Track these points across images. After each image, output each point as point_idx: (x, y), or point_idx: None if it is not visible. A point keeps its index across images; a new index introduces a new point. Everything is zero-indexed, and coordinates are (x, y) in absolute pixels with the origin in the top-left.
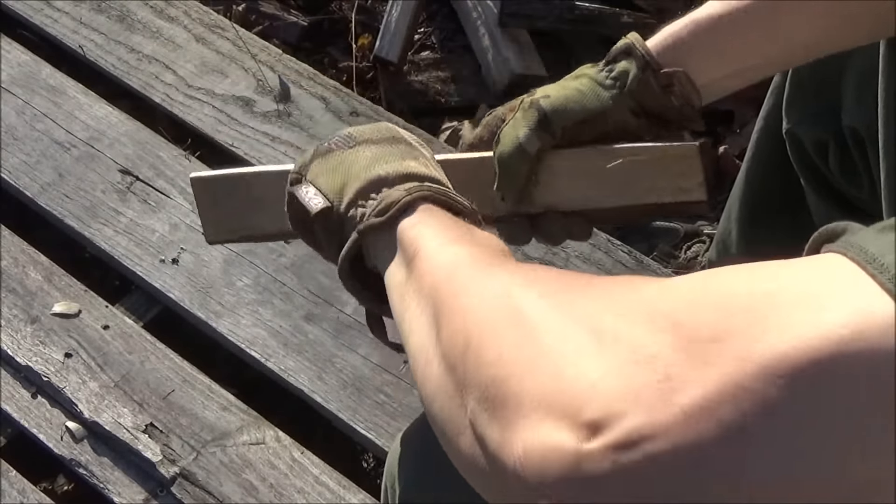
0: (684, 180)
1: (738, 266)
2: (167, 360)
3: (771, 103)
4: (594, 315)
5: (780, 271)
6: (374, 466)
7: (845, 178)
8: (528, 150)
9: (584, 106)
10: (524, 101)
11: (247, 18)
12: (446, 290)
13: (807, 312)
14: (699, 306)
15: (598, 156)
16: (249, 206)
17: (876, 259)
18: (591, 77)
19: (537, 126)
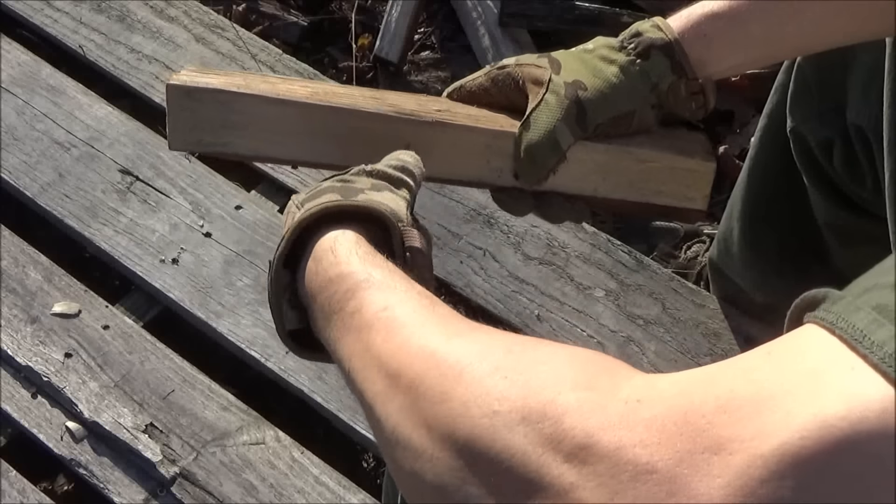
0: (692, 191)
1: (726, 366)
2: (167, 360)
3: (774, 101)
4: (565, 418)
5: (769, 369)
6: (374, 466)
7: (849, 177)
8: (560, 145)
9: (619, 104)
10: (553, 80)
11: (247, 18)
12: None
13: (803, 408)
14: (692, 415)
15: (620, 155)
16: (227, 123)
17: (865, 336)
18: (622, 68)
19: (574, 120)
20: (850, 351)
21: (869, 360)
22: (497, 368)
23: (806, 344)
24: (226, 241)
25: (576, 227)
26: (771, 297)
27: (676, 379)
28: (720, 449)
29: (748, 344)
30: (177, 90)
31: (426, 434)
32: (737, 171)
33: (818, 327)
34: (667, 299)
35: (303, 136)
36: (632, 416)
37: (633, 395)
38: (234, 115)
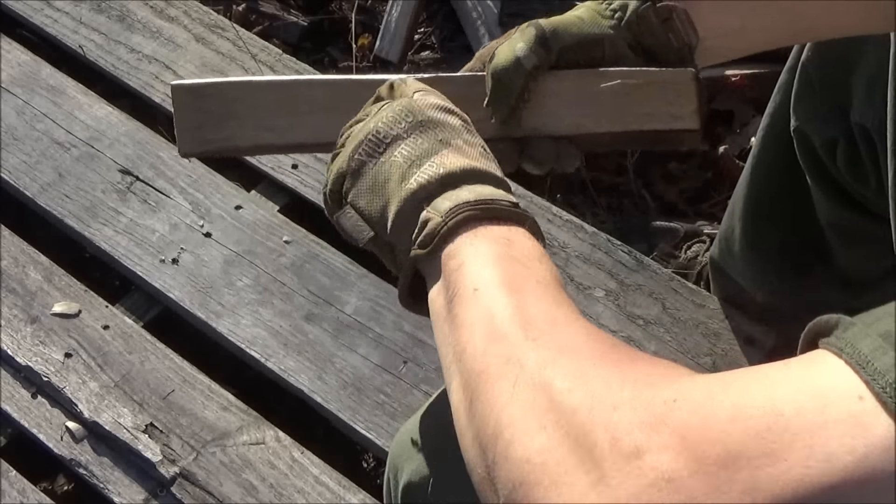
0: (678, 107)
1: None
2: (167, 360)
3: (777, 101)
4: (618, 411)
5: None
6: (374, 466)
7: (853, 177)
8: (524, 64)
9: (583, 30)
10: (521, 25)
11: (247, 18)
12: (480, 364)
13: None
14: (710, 421)
15: (592, 77)
16: (229, 114)
17: (869, 363)
18: (590, 7)
19: (535, 42)
20: (856, 377)
21: (871, 388)
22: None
23: (818, 367)
24: (226, 241)
25: (576, 227)
26: (772, 296)
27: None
28: (730, 464)
29: (748, 344)
30: (180, 89)
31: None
32: (737, 171)
33: (829, 352)
34: (667, 299)
35: (302, 115)
36: (666, 416)
37: (672, 395)
38: (235, 105)
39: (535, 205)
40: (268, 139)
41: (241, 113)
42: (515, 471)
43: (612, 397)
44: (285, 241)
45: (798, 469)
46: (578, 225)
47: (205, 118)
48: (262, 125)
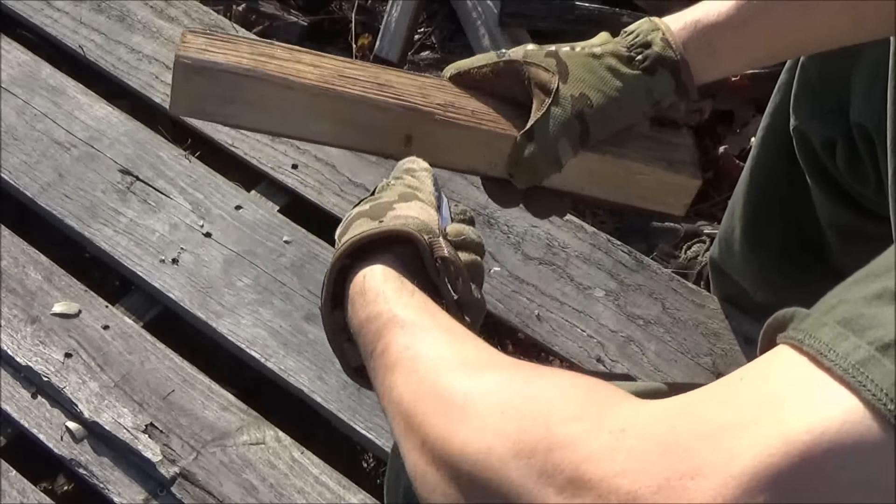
0: (674, 199)
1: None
2: (167, 360)
3: (777, 100)
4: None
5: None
6: (374, 466)
7: (852, 176)
8: (561, 161)
9: (622, 121)
10: (562, 92)
11: (247, 18)
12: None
13: (769, 427)
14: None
15: (611, 164)
16: (233, 99)
17: (830, 349)
18: (627, 83)
19: (577, 138)
20: (814, 366)
21: (833, 373)
22: (497, 404)
23: (775, 365)
24: (226, 241)
25: (576, 227)
26: (771, 296)
27: (658, 408)
28: (696, 474)
29: (748, 344)
30: (184, 67)
31: (436, 471)
32: (737, 171)
33: (788, 347)
34: (667, 299)
35: (306, 118)
36: (616, 445)
37: (618, 425)
38: (240, 94)
39: None
40: (269, 127)
41: (245, 101)
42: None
43: (551, 438)
44: (285, 241)
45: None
46: (578, 225)
47: (205, 95)
48: (264, 114)
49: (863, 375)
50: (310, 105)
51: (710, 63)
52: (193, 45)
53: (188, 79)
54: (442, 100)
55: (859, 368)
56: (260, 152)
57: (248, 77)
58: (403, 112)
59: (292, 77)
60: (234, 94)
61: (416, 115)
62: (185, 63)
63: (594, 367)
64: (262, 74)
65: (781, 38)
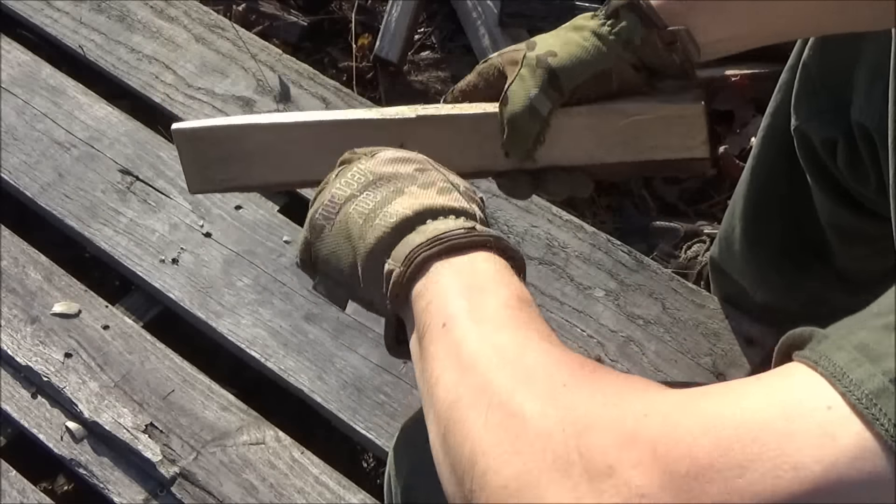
0: (688, 138)
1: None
2: (167, 360)
3: (778, 100)
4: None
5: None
6: (374, 466)
7: (853, 176)
8: (539, 111)
9: (591, 64)
10: (527, 56)
11: (247, 18)
12: (452, 396)
13: (780, 447)
14: (681, 436)
15: (604, 114)
16: (232, 158)
17: (845, 374)
18: (593, 31)
19: (547, 86)
20: (829, 389)
21: (847, 399)
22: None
23: (790, 379)
24: (226, 241)
25: (576, 227)
26: (772, 295)
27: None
28: (700, 476)
29: (748, 344)
30: (180, 133)
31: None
32: (737, 171)
33: (803, 365)
34: (667, 299)
35: (301, 156)
36: (638, 433)
37: (643, 410)
38: (239, 148)
39: (535, 205)
40: (276, 178)
41: (240, 154)
42: (493, 498)
43: (584, 418)
44: (285, 241)
45: (768, 480)
46: (578, 225)
47: (208, 160)
48: (263, 164)
49: (876, 409)
50: (303, 141)
51: (678, 5)
52: (189, 121)
53: (188, 146)
54: (425, 106)
55: (873, 400)
56: None
57: (240, 127)
58: (382, 120)
59: (279, 119)
60: (232, 150)
61: (396, 120)
62: (181, 130)
63: None
64: (252, 121)
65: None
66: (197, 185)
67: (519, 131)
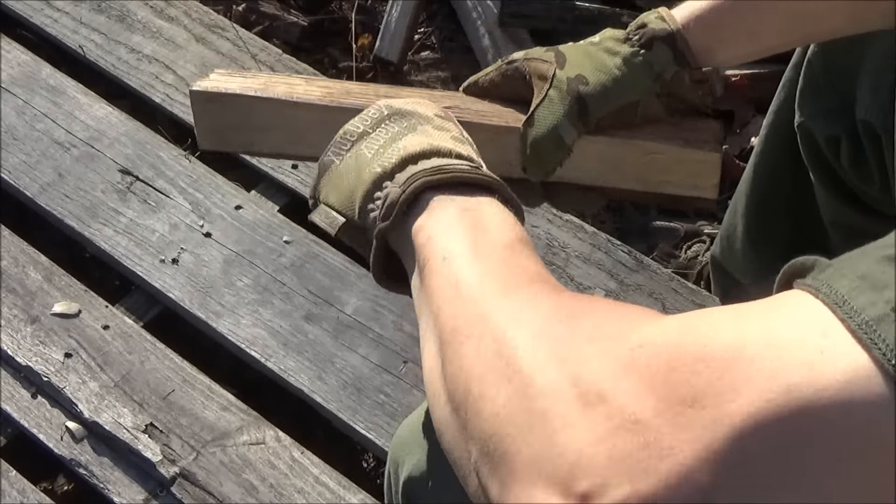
0: (700, 180)
1: (714, 315)
2: (167, 360)
3: (782, 97)
4: (584, 364)
5: (751, 323)
6: (374, 466)
7: (856, 174)
8: (565, 141)
9: (621, 97)
10: (557, 76)
11: (247, 18)
12: (450, 326)
13: (774, 370)
14: (677, 363)
15: (624, 146)
16: (249, 125)
17: (846, 302)
18: (624, 59)
19: (576, 116)
20: (829, 315)
21: (846, 325)
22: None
23: (789, 305)
24: (226, 241)
25: (576, 227)
26: (773, 294)
27: (676, 319)
28: (694, 402)
29: None
30: (198, 95)
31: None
32: (737, 171)
33: (804, 292)
34: (667, 299)
35: (320, 135)
36: (632, 363)
37: (638, 341)
38: (253, 118)
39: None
40: (289, 150)
41: (259, 125)
42: (486, 425)
43: (579, 351)
44: (285, 241)
45: (759, 402)
46: (578, 225)
47: (223, 124)
48: (280, 137)
49: (875, 334)
50: (320, 121)
51: (711, 43)
52: (208, 79)
53: (204, 108)
54: (448, 103)
55: (872, 326)
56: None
57: (257, 98)
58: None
59: (300, 95)
60: (247, 118)
61: None
62: (199, 92)
63: None
64: (271, 94)
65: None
66: (208, 143)
67: (541, 156)
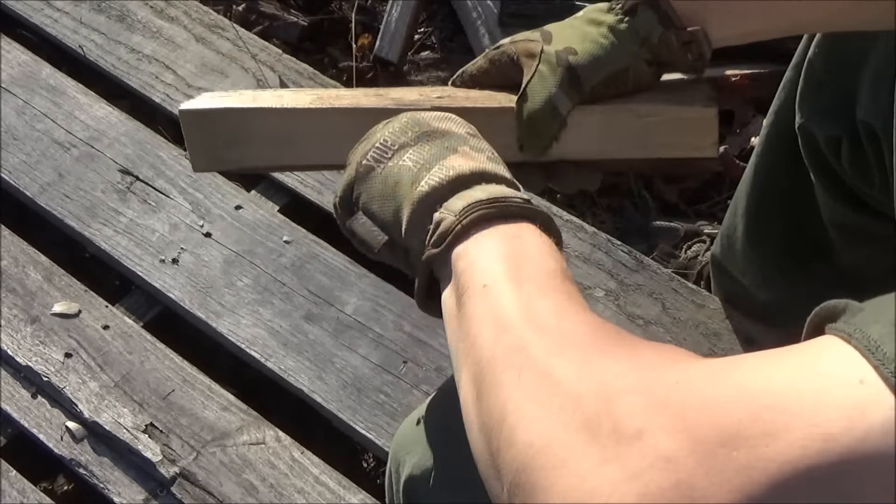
0: (699, 139)
1: (752, 360)
2: (167, 360)
3: (782, 98)
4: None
5: (788, 369)
6: (374, 466)
7: (857, 174)
8: (559, 110)
9: (610, 63)
10: (545, 51)
11: (247, 18)
12: (488, 354)
13: (811, 417)
14: (712, 403)
15: (619, 113)
16: (241, 139)
17: (878, 348)
18: (610, 27)
19: (568, 85)
20: (863, 362)
21: (880, 373)
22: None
23: (823, 351)
24: (226, 241)
25: (576, 227)
26: (773, 294)
27: (710, 364)
28: (728, 443)
29: (748, 344)
30: (187, 114)
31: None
32: (737, 171)
33: (836, 338)
34: (667, 299)
35: (311, 141)
36: (668, 400)
37: (675, 378)
38: (240, 130)
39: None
40: (283, 160)
41: (247, 137)
42: (519, 455)
43: (617, 384)
44: (285, 241)
45: (795, 449)
46: (578, 225)
47: (215, 140)
48: (271, 147)
49: None
50: (309, 126)
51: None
52: (196, 99)
53: (195, 126)
54: (439, 94)
55: None
56: None
57: (249, 110)
58: (399, 110)
59: (290, 103)
60: (241, 131)
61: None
62: (188, 110)
63: None
64: (261, 103)
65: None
66: (202, 164)
67: (537, 129)
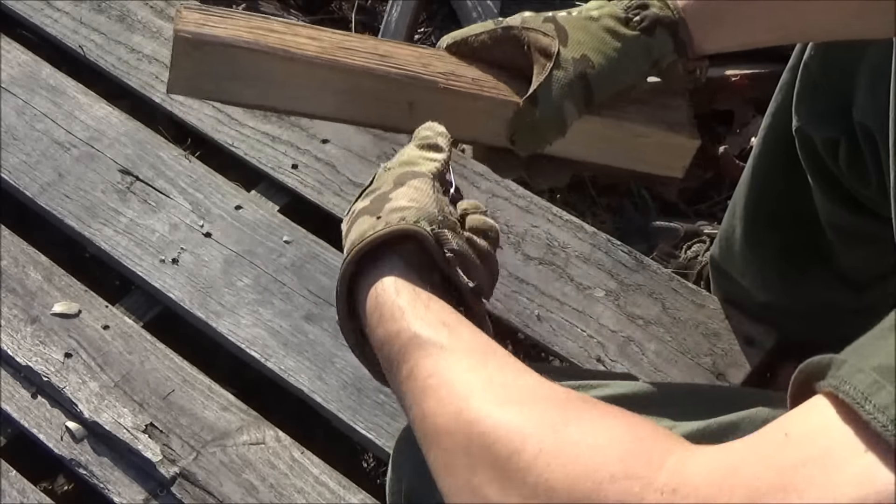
0: (674, 162)
1: (746, 451)
2: (167, 360)
3: (779, 100)
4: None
5: (786, 448)
6: (374, 466)
7: (854, 177)
8: (566, 122)
9: (623, 82)
10: (562, 56)
11: None
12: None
13: (820, 498)
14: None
15: (616, 129)
16: (233, 75)
17: (867, 399)
18: (626, 42)
19: (581, 99)
20: (854, 420)
21: (870, 429)
22: (541, 452)
23: (820, 422)
24: (226, 241)
25: (576, 227)
26: (772, 295)
27: (706, 463)
28: None
29: (748, 344)
30: (184, 42)
31: None
32: (737, 171)
33: (824, 398)
34: (667, 299)
35: (308, 91)
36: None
37: (669, 484)
38: (241, 69)
39: (535, 205)
40: (272, 102)
41: (246, 76)
42: None
43: (599, 494)
44: (285, 241)
45: None
46: (578, 225)
47: (204, 72)
48: (266, 89)
49: None
50: (311, 77)
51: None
52: (191, 20)
53: (188, 55)
54: (443, 69)
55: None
56: (260, 152)
57: (249, 50)
58: (406, 81)
59: (293, 49)
60: (234, 69)
61: (418, 84)
62: (186, 38)
63: (594, 367)
64: (263, 47)
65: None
66: (179, 88)
67: (538, 132)
